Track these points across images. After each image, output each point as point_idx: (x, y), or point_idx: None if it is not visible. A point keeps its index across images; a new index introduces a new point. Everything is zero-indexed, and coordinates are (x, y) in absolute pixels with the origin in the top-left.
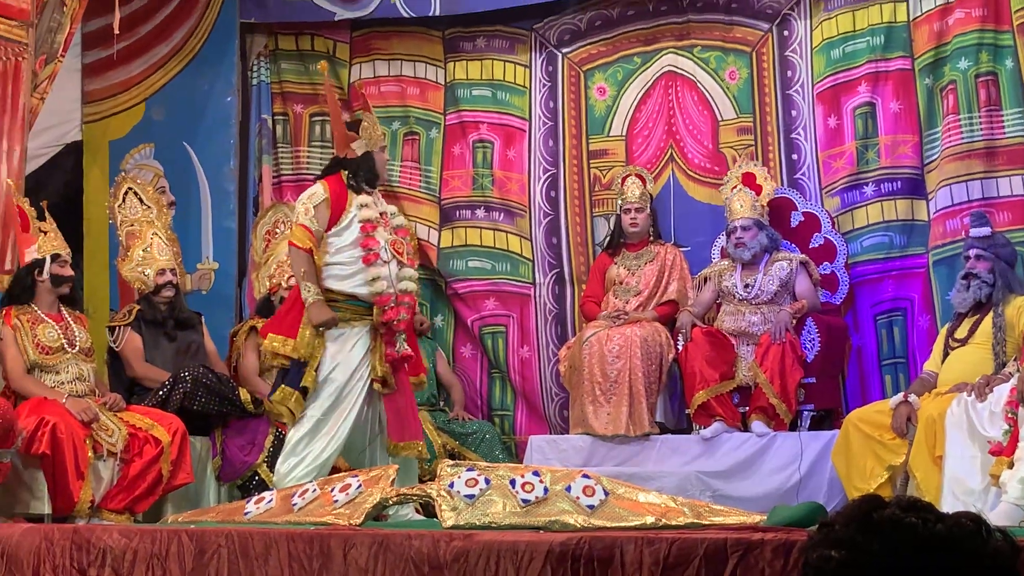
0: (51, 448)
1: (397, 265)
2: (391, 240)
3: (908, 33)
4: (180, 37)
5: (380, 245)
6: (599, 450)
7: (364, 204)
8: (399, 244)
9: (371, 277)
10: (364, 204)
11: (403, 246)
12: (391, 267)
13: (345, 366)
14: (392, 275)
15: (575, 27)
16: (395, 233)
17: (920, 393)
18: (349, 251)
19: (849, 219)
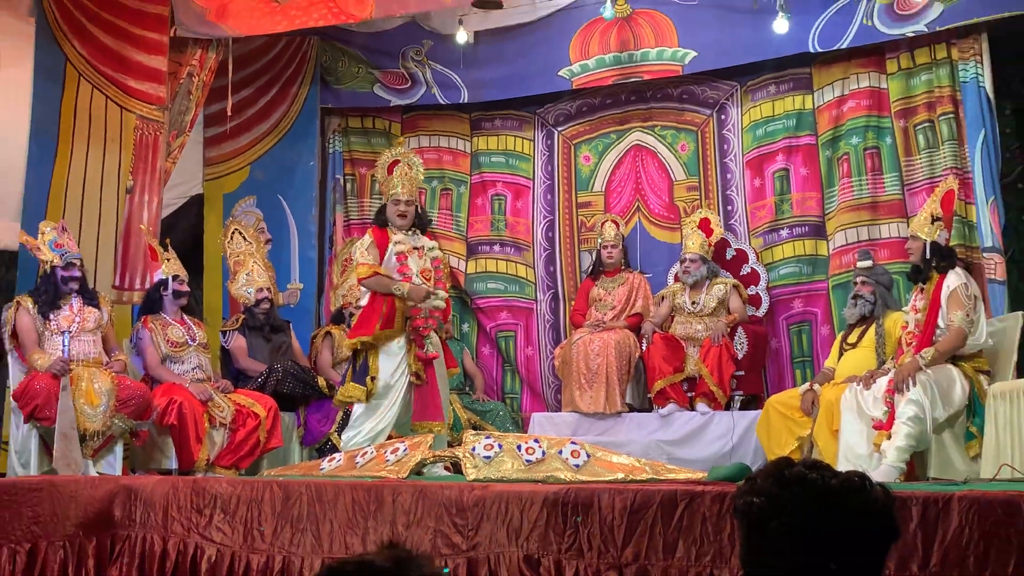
0: (178, 420)
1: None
2: (422, 268)
3: (813, 117)
4: (276, 118)
5: (411, 271)
6: (583, 424)
7: (398, 241)
8: (428, 272)
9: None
10: (398, 241)
11: (431, 273)
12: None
13: (389, 365)
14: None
15: (567, 112)
16: (431, 263)
17: (822, 383)
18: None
19: (769, 254)
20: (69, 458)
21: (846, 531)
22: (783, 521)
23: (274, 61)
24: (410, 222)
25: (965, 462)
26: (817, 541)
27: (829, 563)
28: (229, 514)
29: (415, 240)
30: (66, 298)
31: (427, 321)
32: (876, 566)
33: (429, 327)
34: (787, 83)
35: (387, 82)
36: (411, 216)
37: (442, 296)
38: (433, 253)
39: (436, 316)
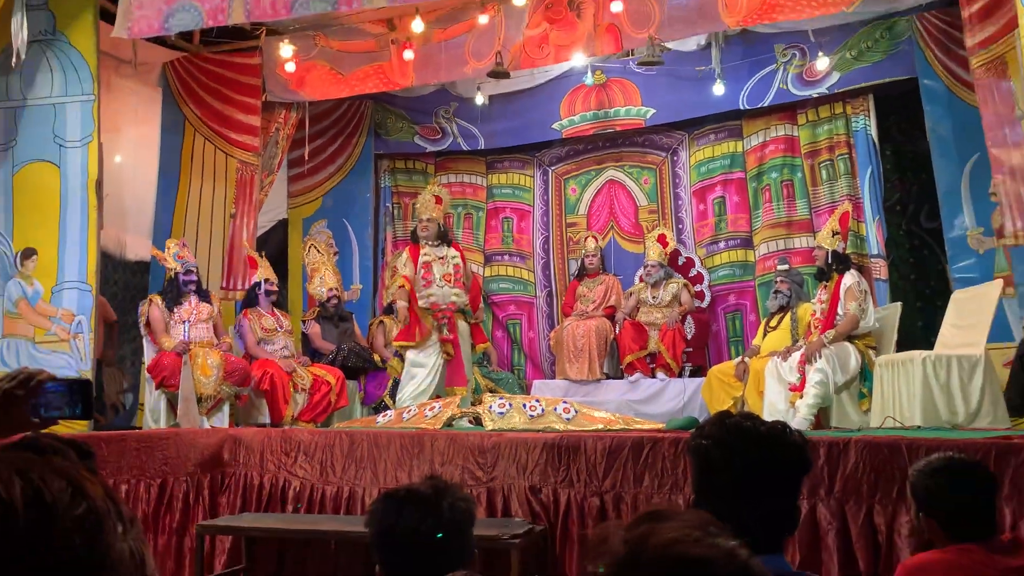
0: (270, 386)
1: (449, 287)
2: (444, 272)
3: (743, 158)
4: (341, 161)
5: (435, 275)
6: (572, 388)
7: (425, 254)
8: (450, 275)
9: (427, 294)
10: (425, 254)
11: (452, 276)
12: (444, 289)
13: (422, 351)
14: (441, 293)
15: (559, 155)
16: (453, 268)
17: (750, 357)
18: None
19: (711, 260)
20: (189, 415)
21: (771, 464)
22: (724, 456)
23: (339, 119)
24: (432, 235)
25: (859, 415)
26: (749, 471)
27: (758, 483)
28: (309, 456)
29: (439, 251)
30: (186, 296)
31: (444, 312)
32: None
33: (445, 317)
34: (723, 132)
35: (424, 134)
36: (432, 231)
37: (457, 293)
38: (454, 261)
39: (451, 308)
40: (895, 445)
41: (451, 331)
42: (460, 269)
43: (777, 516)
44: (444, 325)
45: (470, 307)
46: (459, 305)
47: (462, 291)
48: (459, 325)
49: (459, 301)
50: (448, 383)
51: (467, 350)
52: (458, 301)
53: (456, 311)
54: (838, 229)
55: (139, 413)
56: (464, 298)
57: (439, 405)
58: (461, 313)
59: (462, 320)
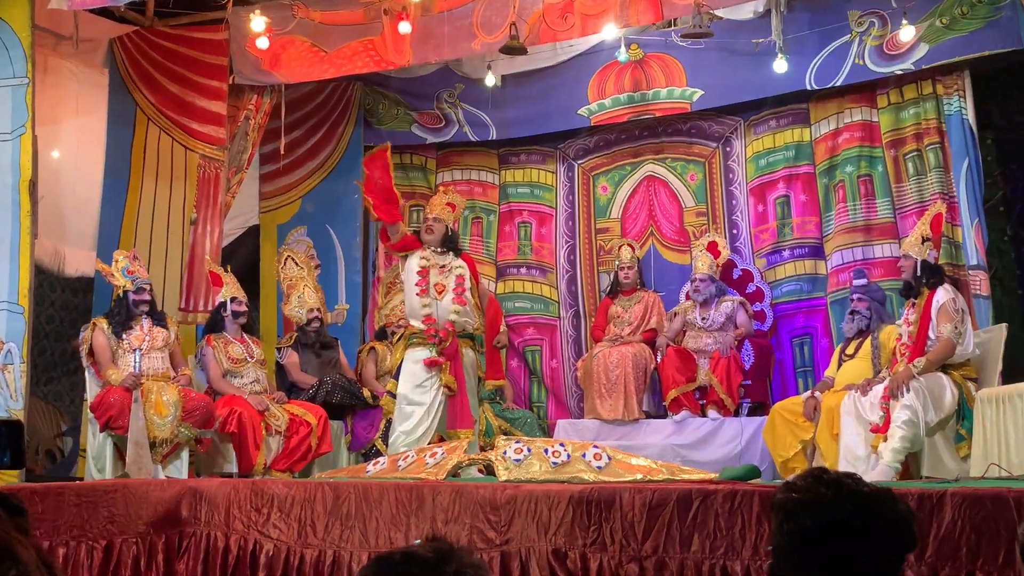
0: (238, 428)
1: (448, 301)
2: (437, 282)
3: (811, 148)
4: (323, 156)
5: (428, 284)
6: (604, 429)
7: (423, 257)
8: (442, 286)
9: (421, 305)
10: (423, 257)
11: (446, 287)
12: (440, 302)
13: (410, 379)
14: (438, 307)
15: (586, 146)
16: (455, 279)
17: (822, 391)
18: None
19: (773, 273)
20: (141, 463)
21: (871, 533)
22: (816, 516)
23: (322, 105)
24: (437, 239)
25: (956, 462)
26: (844, 538)
27: (854, 559)
28: (285, 512)
29: (442, 259)
30: (137, 319)
31: (439, 332)
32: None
33: (437, 336)
34: (786, 118)
35: (423, 122)
36: (438, 234)
37: (456, 309)
38: (457, 271)
39: (448, 328)
40: (1001, 498)
41: (450, 357)
42: (464, 282)
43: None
44: (436, 346)
45: (481, 331)
46: (460, 326)
47: (464, 308)
48: (464, 353)
49: (459, 321)
50: (450, 425)
51: (472, 383)
52: (458, 320)
53: (458, 334)
54: (929, 235)
55: (80, 461)
56: (467, 317)
57: (442, 451)
58: (468, 339)
59: (468, 348)
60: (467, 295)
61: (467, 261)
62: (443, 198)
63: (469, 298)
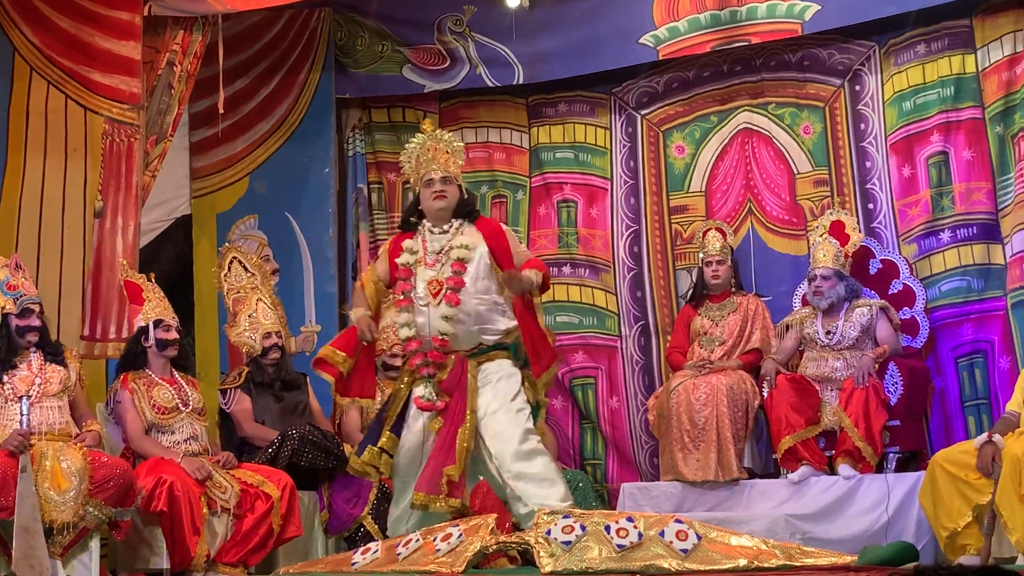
0: (168, 505)
1: (440, 306)
2: (431, 278)
3: (977, 83)
4: (280, 114)
5: (415, 286)
6: (689, 496)
7: (410, 249)
8: (438, 284)
9: (402, 323)
10: (410, 249)
11: (442, 285)
12: (428, 310)
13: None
14: (422, 321)
15: (652, 89)
16: (452, 267)
17: (1004, 433)
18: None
19: (927, 265)
20: (32, 558)
21: None
22: None
23: (275, 42)
24: (451, 208)
25: None
26: None
27: None
28: None
29: (441, 240)
30: (23, 354)
31: (425, 356)
32: None
33: (429, 363)
34: (941, 40)
35: (419, 62)
36: (452, 198)
37: (448, 314)
38: (457, 254)
39: (439, 346)
40: None
41: (446, 390)
42: (466, 267)
43: None
44: (429, 381)
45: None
46: (459, 339)
47: (459, 310)
48: (472, 373)
49: (453, 331)
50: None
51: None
52: (450, 332)
53: (469, 352)
54: None
55: None
56: (468, 322)
57: (459, 532)
58: (499, 350)
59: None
60: (469, 288)
61: (484, 228)
62: (434, 147)
63: (476, 288)
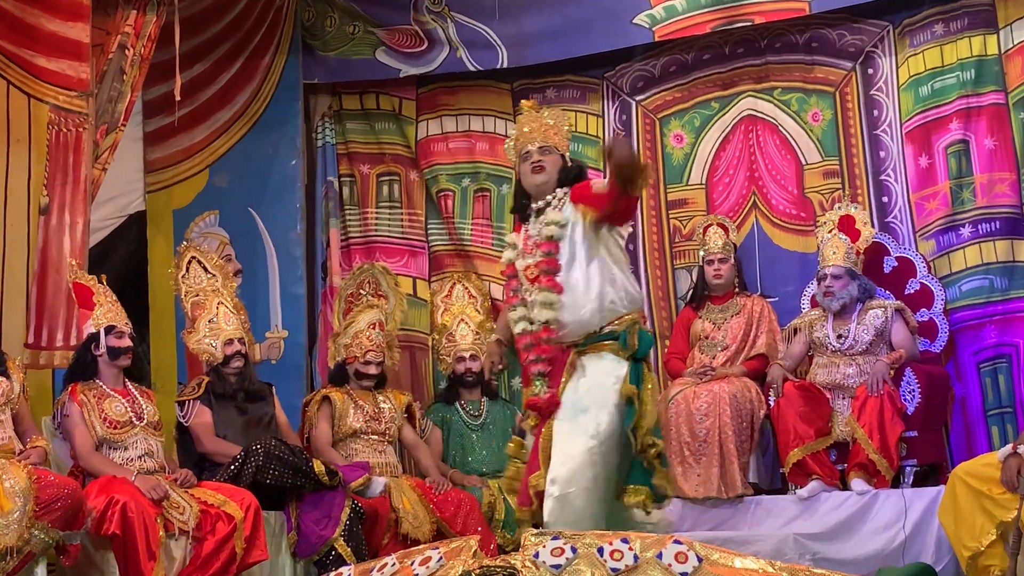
0: (121, 528)
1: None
2: (526, 264)
3: (1000, 66)
4: (243, 101)
5: (521, 282)
6: (690, 514)
7: (511, 243)
8: (532, 270)
9: (513, 319)
10: (511, 243)
11: (534, 271)
12: (532, 297)
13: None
14: (521, 312)
15: (648, 74)
16: (540, 247)
17: None
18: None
19: (946, 263)
20: None
21: None
22: None
23: (237, 23)
24: (553, 182)
25: None
26: None
27: None
28: None
29: (539, 222)
30: None
31: (534, 352)
32: None
33: (539, 359)
34: (960, 19)
35: (394, 44)
36: (553, 169)
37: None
38: (547, 232)
39: (540, 337)
40: None
41: (554, 384)
42: (554, 246)
43: None
44: (543, 378)
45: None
46: (567, 324)
47: (556, 294)
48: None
49: (556, 317)
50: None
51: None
52: (552, 318)
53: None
54: None
55: None
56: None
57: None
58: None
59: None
60: (566, 267)
61: (575, 193)
62: (535, 118)
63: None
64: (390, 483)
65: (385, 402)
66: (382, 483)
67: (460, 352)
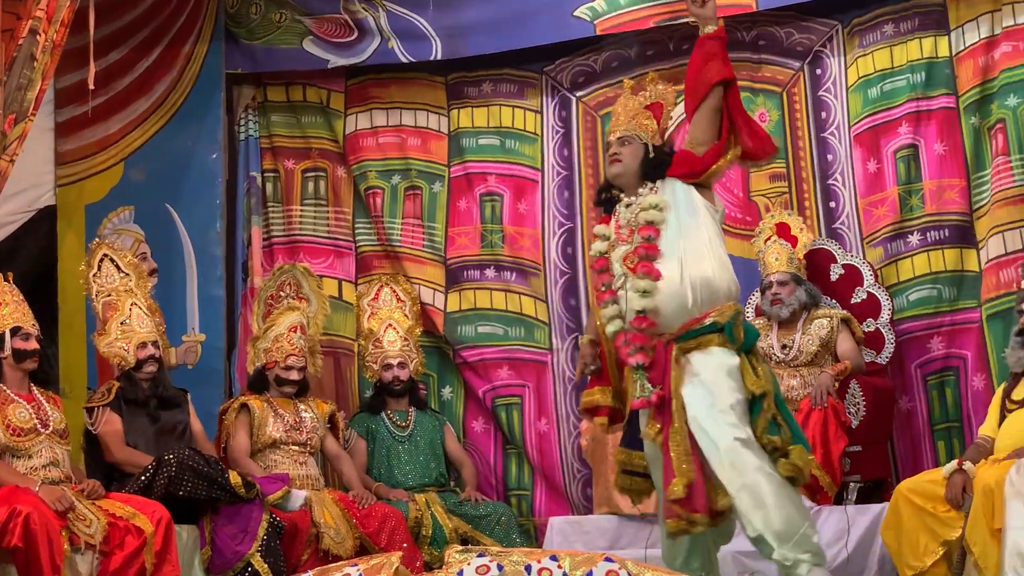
0: (24, 541)
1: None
2: (625, 254)
3: (951, 69)
4: (161, 91)
5: (614, 273)
6: (627, 531)
7: (600, 234)
8: (631, 259)
9: (602, 317)
10: (600, 234)
11: (634, 260)
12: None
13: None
14: (617, 308)
15: (590, 68)
16: (639, 233)
17: (976, 460)
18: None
19: (893, 271)
20: None
21: None
22: None
23: (157, 8)
24: (631, 173)
25: None
26: None
27: None
28: None
29: (631, 211)
30: None
31: (631, 345)
32: None
33: (639, 349)
34: (911, 19)
35: (323, 33)
36: (630, 162)
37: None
38: (646, 216)
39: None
40: None
41: (657, 380)
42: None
43: None
44: (641, 373)
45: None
46: (666, 313)
47: (655, 281)
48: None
49: (654, 306)
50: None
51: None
52: (649, 306)
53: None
54: None
55: None
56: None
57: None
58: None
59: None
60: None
61: (675, 171)
62: (629, 101)
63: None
64: (311, 496)
65: (307, 411)
66: (302, 496)
67: (387, 359)
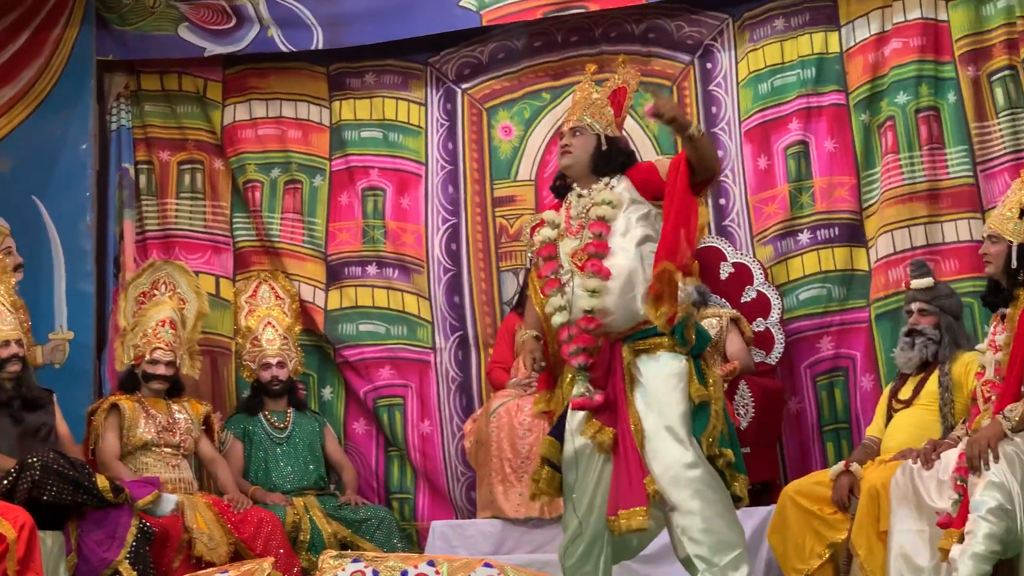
0: None
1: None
2: (573, 250)
3: (841, 65)
4: (28, 77)
5: (561, 265)
6: (511, 535)
7: (551, 221)
8: (580, 255)
9: (552, 307)
10: (551, 221)
11: (582, 255)
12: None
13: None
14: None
15: (476, 60)
16: (590, 228)
17: (862, 461)
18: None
19: (783, 270)
20: None
21: None
22: None
23: None
24: (583, 164)
25: None
26: None
27: None
28: None
29: (583, 202)
30: None
31: (577, 343)
32: None
33: (581, 351)
34: (802, 14)
35: (199, 20)
36: (580, 153)
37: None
38: (598, 211)
39: (585, 326)
40: None
41: (600, 382)
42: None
43: None
44: (584, 373)
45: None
46: (614, 313)
47: (604, 281)
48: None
49: (611, 305)
50: (610, 510)
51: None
52: (602, 305)
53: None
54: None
55: None
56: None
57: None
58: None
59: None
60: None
61: (634, 175)
62: (585, 88)
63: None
64: (183, 500)
65: (181, 412)
66: (174, 500)
67: (266, 358)
